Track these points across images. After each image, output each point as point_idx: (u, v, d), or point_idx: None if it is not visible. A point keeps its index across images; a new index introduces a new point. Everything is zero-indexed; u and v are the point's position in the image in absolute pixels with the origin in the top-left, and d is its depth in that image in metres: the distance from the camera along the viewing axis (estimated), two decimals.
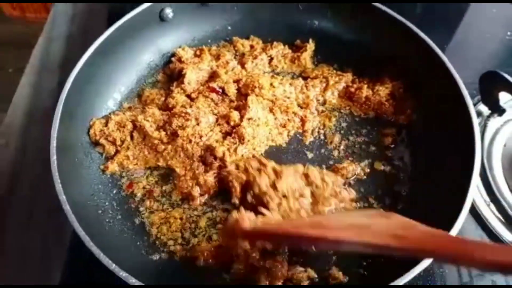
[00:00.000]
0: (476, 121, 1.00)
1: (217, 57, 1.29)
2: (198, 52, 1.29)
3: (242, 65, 1.28)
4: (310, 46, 1.31)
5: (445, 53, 1.11)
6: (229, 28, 1.36)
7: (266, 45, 1.33)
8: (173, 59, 1.28)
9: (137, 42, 1.23)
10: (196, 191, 1.04)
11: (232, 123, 1.12)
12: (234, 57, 1.31)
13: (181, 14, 1.26)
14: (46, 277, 0.99)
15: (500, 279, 1.01)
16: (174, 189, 1.07)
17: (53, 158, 0.90)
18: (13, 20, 3.07)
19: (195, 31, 1.34)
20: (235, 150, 1.07)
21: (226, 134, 1.12)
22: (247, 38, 1.35)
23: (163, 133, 1.10)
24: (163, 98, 1.20)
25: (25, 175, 1.14)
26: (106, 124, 1.11)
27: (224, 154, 1.06)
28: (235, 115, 1.12)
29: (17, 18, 3.05)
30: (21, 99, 1.30)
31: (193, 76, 1.21)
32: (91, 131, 1.09)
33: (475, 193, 1.10)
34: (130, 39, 1.20)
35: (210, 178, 1.04)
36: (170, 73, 1.28)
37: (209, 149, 1.07)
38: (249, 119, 1.11)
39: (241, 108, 1.14)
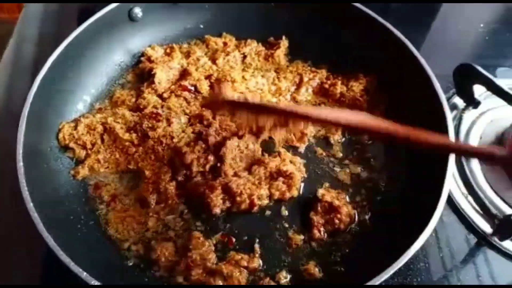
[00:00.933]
0: (449, 114, 1.01)
1: (188, 55, 1.27)
2: (168, 50, 1.27)
3: (214, 61, 1.26)
4: (284, 43, 1.30)
5: (420, 47, 1.12)
6: (201, 26, 1.34)
7: (239, 42, 1.32)
8: (142, 58, 1.26)
9: (106, 42, 1.21)
10: (152, 197, 1.02)
11: (205, 122, 1.10)
12: (205, 54, 1.29)
13: (151, 14, 1.24)
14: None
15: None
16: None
17: (20, 164, 0.88)
18: None
19: (166, 30, 1.32)
20: (206, 158, 1.04)
21: (199, 134, 1.09)
22: (220, 36, 1.33)
23: (134, 135, 1.08)
24: (134, 99, 1.18)
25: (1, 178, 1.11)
26: (75, 128, 1.08)
27: (192, 162, 1.03)
28: (208, 114, 1.10)
29: None
30: None
31: (163, 76, 1.19)
32: (60, 135, 1.07)
33: (453, 185, 1.11)
34: (99, 40, 1.18)
35: (171, 187, 1.02)
36: (140, 73, 1.25)
37: (179, 153, 1.05)
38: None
39: None
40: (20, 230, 1.02)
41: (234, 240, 0.99)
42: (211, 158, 1.04)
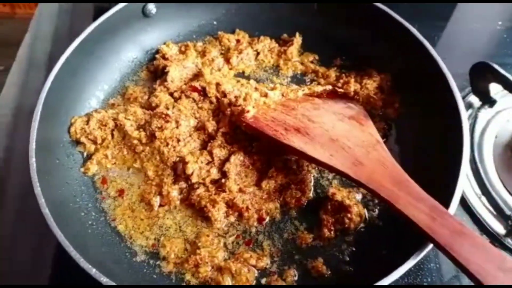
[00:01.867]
0: (464, 112, 0.99)
1: (203, 54, 1.27)
2: (183, 48, 1.27)
3: (227, 60, 1.26)
4: (297, 40, 1.29)
5: (436, 44, 1.11)
6: (215, 23, 1.34)
7: (252, 39, 1.31)
8: (157, 56, 1.26)
9: (120, 39, 1.22)
10: (156, 200, 1.03)
11: (206, 132, 1.09)
12: (221, 54, 1.29)
13: (165, 10, 1.24)
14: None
15: None
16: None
17: (32, 160, 0.89)
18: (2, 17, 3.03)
19: (179, 27, 1.32)
20: (208, 171, 1.04)
21: (205, 143, 1.09)
22: (233, 32, 1.33)
23: (142, 133, 1.08)
24: (146, 96, 1.18)
25: (13, 175, 1.13)
26: (87, 122, 1.09)
27: (192, 173, 1.02)
28: (210, 125, 1.09)
29: (6, 15, 3.01)
30: (8, 98, 1.28)
31: (177, 74, 1.18)
32: (72, 129, 1.07)
33: (466, 185, 1.09)
34: (113, 36, 1.19)
35: (174, 192, 1.02)
36: (153, 70, 1.25)
37: (182, 161, 1.04)
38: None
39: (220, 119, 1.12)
40: (30, 226, 1.04)
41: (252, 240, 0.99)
42: (213, 171, 1.03)
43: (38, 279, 0.97)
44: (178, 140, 1.06)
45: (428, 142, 1.07)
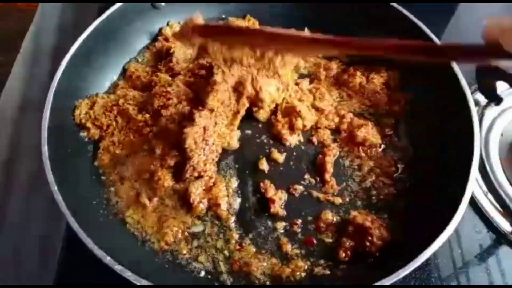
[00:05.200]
0: (474, 110, 1.00)
1: None
2: None
3: None
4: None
5: (442, 41, 1.10)
6: (223, 16, 1.33)
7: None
8: (159, 37, 1.25)
9: (129, 31, 1.21)
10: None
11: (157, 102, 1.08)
12: None
13: (174, 2, 1.24)
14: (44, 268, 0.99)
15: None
16: None
17: (45, 148, 0.89)
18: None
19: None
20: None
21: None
22: (244, 18, 1.33)
23: (147, 115, 1.07)
24: (148, 76, 1.17)
25: (20, 166, 1.14)
26: (91, 107, 1.08)
27: (189, 147, 0.98)
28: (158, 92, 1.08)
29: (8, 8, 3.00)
30: (13, 89, 1.28)
31: (181, 55, 1.17)
32: (76, 112, 1.06)
33: (473, 183, 1.09)
34: (121, 28, 1.18)
35: (167, 180, 1.00)
36: (156, 51, 1.24)
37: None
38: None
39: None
40: (39, 215, 1.04)
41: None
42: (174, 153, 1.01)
43: (46, 267, 0.97)
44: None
45: (438, 138, 1.07)
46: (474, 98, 1.23)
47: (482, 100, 1.24)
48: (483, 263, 1.02)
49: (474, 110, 1.00)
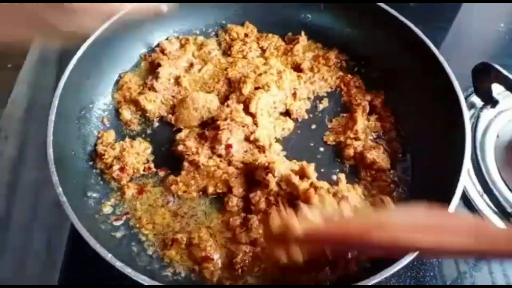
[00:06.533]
0: (466, 111, 1.01)
1: (200, 47, 1.29)
2: (183, 42, 1.29)
3: (229, 48, 1.29)
4: (303, 38, 1.31)
5: (439, 46, 1.11)
6: (223, 22, 1.35)
7: (261, 35, 1.33)
8: (156, 48, 1.27)
9: (132, 37, 1.23)
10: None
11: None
12: (219, 45, 1.31)
13: (174, 9, 1.23)
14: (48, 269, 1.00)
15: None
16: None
17: (50, 151, 0.90)
18: None
19: (189, 25, 1.34)
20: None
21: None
22: (242, 25, 1.35)
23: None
24: (138, 90, 1.18)
25: (25, 170, 1.15)
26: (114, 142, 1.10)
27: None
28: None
29: None
30: (19, 95, 1.30)
31: (165, 73, 1.19)
32: (99, 142, 1.09)
33: (469, 184, 1.11)
34: (125, 35, 1.18)
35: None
36: (151, 61, 1.26)
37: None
38: None
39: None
40: (44, 217, 1.06)
41: None
42: None
43: (52, 267, 0.98)
44: None
45: (430, 140, 1.09)
46: (470, 100, 1.26)
47: (478, 102, 1.25)
48: (478, 264, 1.02)
49: (466, 113, 1.01)
